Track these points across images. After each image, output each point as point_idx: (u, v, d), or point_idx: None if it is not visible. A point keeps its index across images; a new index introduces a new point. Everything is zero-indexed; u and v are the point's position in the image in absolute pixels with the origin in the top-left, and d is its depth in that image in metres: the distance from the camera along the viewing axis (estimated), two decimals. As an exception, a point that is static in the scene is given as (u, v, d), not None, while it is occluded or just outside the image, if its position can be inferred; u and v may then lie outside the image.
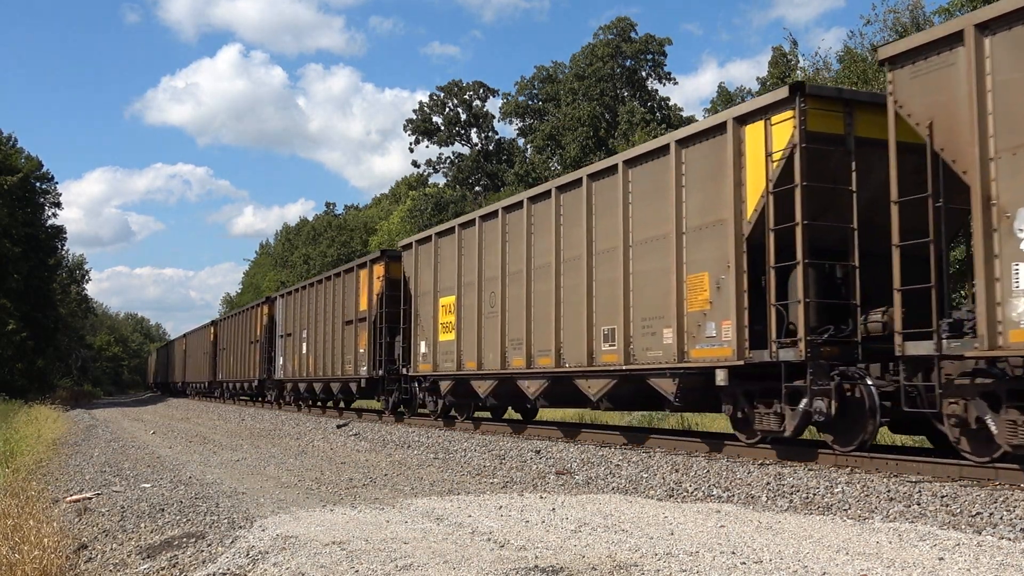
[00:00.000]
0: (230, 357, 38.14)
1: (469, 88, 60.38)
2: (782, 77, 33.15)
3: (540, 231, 14.01)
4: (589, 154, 47.78)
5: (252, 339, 33.59)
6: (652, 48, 53.46)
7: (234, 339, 37.40)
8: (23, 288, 45.97)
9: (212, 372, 41.99)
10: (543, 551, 5.52)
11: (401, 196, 68.34)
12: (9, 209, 43.77)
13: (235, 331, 37.29)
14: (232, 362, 37.64)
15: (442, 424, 17.61)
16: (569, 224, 13.20)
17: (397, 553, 5.49)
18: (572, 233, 13.07)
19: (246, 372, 34.42)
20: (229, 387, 38.30)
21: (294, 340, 27.69)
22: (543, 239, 13.88)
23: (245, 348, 34.94)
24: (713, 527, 6.28)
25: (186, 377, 52.18)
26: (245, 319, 35.57)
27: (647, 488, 8.83)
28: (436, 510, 7.32)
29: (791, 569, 4.90)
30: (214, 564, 5.77)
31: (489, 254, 15.59)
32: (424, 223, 49.69)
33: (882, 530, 6.06)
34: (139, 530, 7.34)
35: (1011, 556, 5.17)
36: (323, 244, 68.12)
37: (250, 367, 33.73)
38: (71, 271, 71.94)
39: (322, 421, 21.60)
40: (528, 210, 14.26)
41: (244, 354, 35.08)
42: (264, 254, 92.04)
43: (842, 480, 8.09)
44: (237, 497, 8.62)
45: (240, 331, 36.18)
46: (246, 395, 36.85)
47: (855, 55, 25.50)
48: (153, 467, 12.24)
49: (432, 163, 61.33)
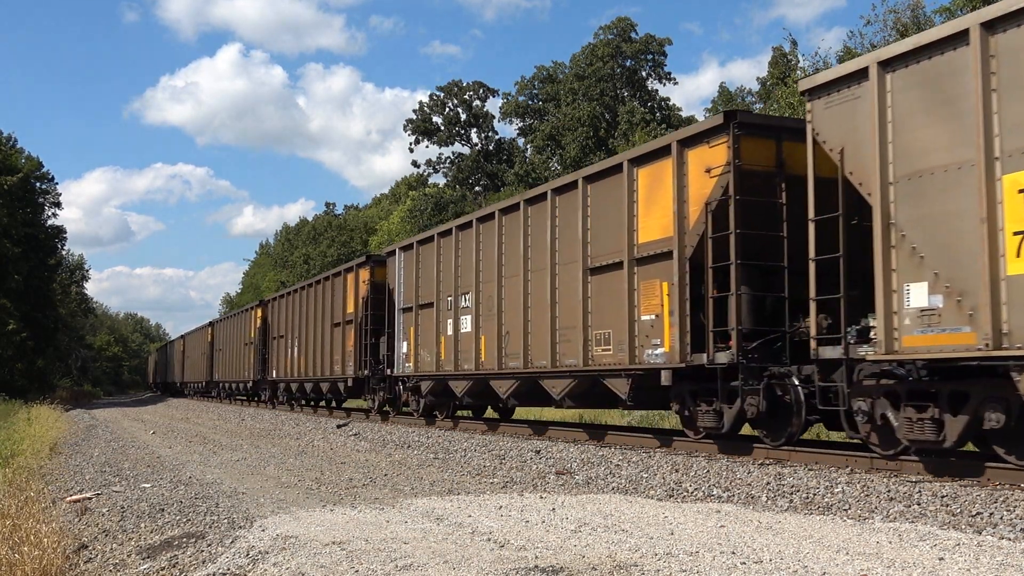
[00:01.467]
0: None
1: (469, 88, 60.38)
2: (782, 77, 33.17)
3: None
4: (589, 154, 47.79)
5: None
6: (652, 48, 53.47)
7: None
8: (23, 288, 45.98)
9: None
10: (543, 551, 5.52)
11: (401, 196, 68.35)
12: (9, 209, 43.78)
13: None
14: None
15: (450, 424, 17.80)
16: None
17: (397, 553, 5.49)
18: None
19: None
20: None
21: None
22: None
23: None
24: (713, 527, 6.28)
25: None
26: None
27: (647, 488, 8.83)
28: (436, 510, 7.32)
29: (791, 569, 4.90)
30: (214, 564, 5.77)
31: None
32: (424, 223, 49.71)
33: (882, 530, 6.06)
34: (139, 530, 7.34)
35: (1011, 556, 5.17)
36: (323, 244, 68.16)
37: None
38: (71, 271, 71.96)
39: (322, 421, 21.62)
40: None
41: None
42: (264, 254, 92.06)
43: (842, 480, 8.09)
44: (237, 497, 8.62)
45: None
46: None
47: (855, 55, 25.49)
48: (153, 467, 12.24)
49: (432, 163, 61.35)
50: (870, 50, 25.48)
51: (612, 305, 11.96)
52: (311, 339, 25.74)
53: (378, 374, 20.53)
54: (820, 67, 28.38)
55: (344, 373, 22.44)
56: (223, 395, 39.98)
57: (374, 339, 20.52)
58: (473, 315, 15.93)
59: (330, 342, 23.82)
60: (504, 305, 14.93)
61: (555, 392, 13.34)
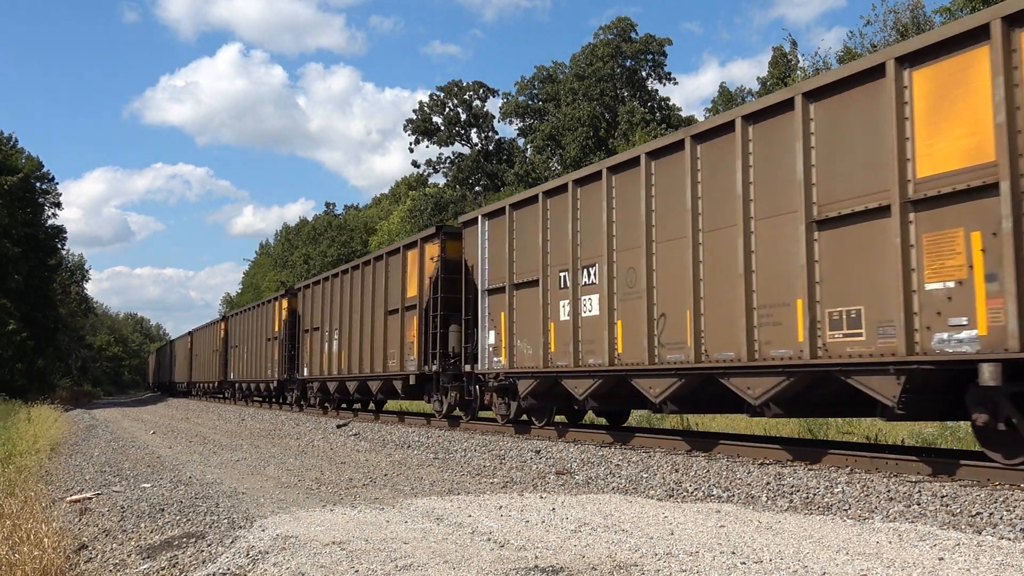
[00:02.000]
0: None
1: (469, 88, 60.42)
2: (782, 77, 33.18)
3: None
4: (589, 154, 47.80)
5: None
6: (652, 48, 53.51)
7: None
8: (23, 288, 46.00)
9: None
10: (543, 551, 5.52)
11: (401, 196, 68.40)
12: (9, 209, 43.79)
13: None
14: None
15: (447, 425, 17.39)
16: None
17: (397, 553, 5.49)
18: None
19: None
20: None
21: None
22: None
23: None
24: (713, 527, 6.28)
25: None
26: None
27: (647, 488, 8.83)
28: (436, 510, 7.32)
29: (791, 569, 4.90)
30: (214, 564, 5.77)
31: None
32: (424, 223, 49.69)
33: (882, 530, 6.06)
34: (139, 530, 7.34)
35: (1011, 556, 5.17)
36: (323, 244, 68.19)
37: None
38: (71, 271, 71.97)
39: (322, 421, 21.60)
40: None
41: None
42: (264, 254, 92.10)
43: (842, 480, 8.09)
44: (237, 497, 8.62)
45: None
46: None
47: (855, 55, 25.51)
48: (153, 467, 12.24)
49: (432, 163, 61.40)
50: (871, 50, 25.46)
51: (865, 271, 8.67)
52: (356, 330, 21.88)
53: (449, 370, 16.92)
54: (820, 67, 28.39)
55: (403, 369, 18.62)
56: (239, 396, 36.67)
57: (443, 328, 17.05)
58: (604, 293, 12.44)
59: (383, 333, 20.06)
60: (656, 279, 11.48)
61: (753, 394, 9.94)
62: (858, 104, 8.77)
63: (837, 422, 15.71)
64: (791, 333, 9.41)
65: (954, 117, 7.93)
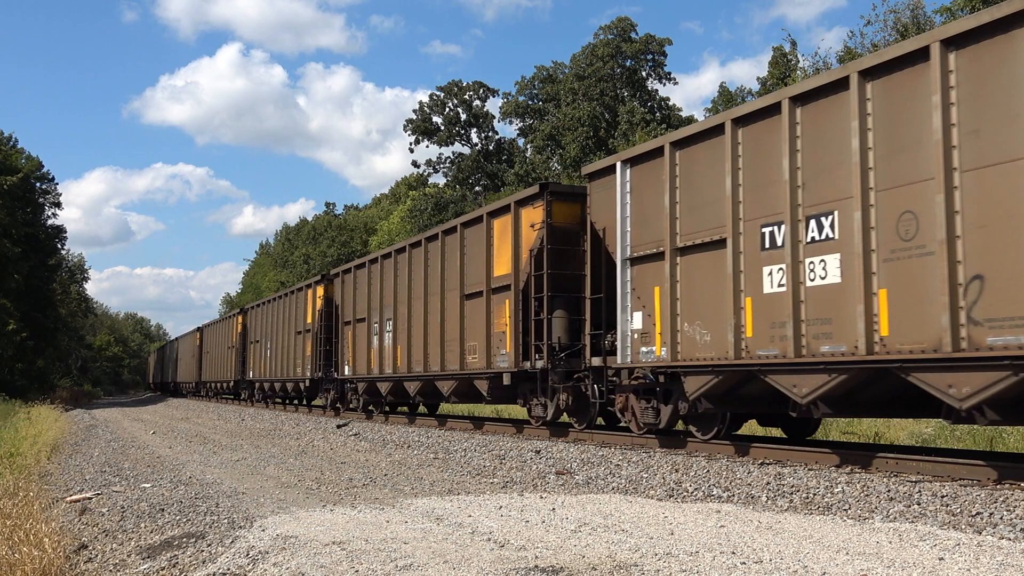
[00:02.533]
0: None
1: (469, 88, 60.38)
2: (782, 77, 33.17)
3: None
4: (589, 154, 47.76)
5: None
6: (652, 48, 53.47)
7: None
8: (23, 288, 45.99)
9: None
10: (543, 551, 5.52)
11: (401, 196, 68.39)
12: (9, 209, 43.79)
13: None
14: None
15: (437, 424, 18.42)
16: None
17: (397, 553, 5.49)
18: None
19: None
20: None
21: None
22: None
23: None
24: (713, 527, 6.28)
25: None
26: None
27: (647, 488, 8.83)
28: (436, 510, 7.32)
29: (791, 569, 4.90)
30: (214, 564, 5.77)
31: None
32: (424, 223, 49.72)
33: (882, 530, 6.06)
34: (139, 530, 7.34)
35: (1011, 556, 5.17)
36: (323, 244, 68.18)
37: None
38: (71, 271, 71.98)
39: (322, 421, 21.62)
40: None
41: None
42: (264, 254, 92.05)
43: (842, 480, 8.09)
44: (237, 497, 8.62)
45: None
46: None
47: (855, 55, 25.53)
48: (153, 467, 12.24)
49: (432, 163, 61.33)
50: (871, 50, 25.49)
51: None
52: (419, 320, 19.67)
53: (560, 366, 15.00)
54: (820, 67, 28.40)
55: (491, 366, 17.80)
56: (258, 397, 38.81)
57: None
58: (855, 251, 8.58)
59: (459, 323, 18.58)
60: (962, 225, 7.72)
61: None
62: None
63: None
64: None
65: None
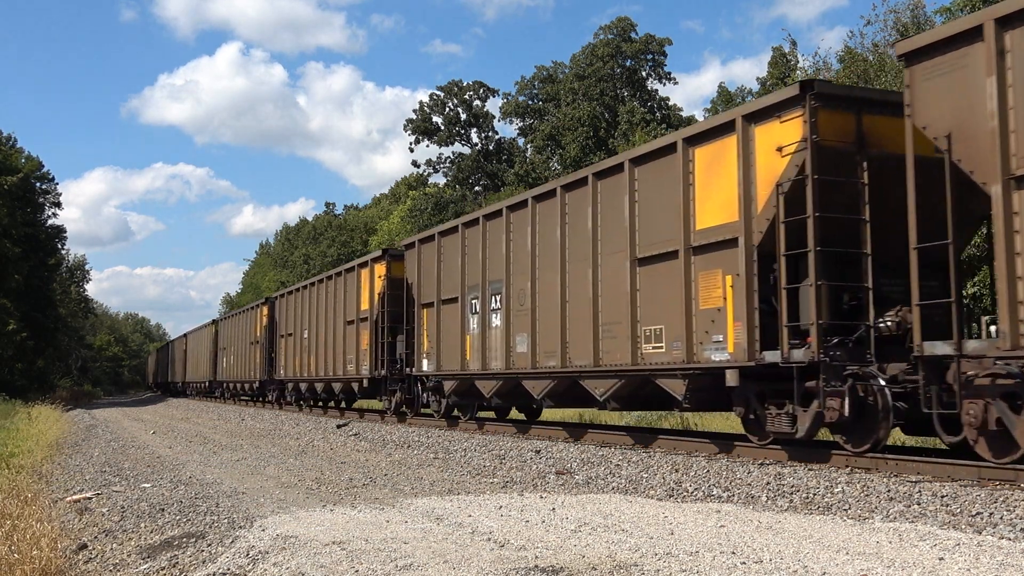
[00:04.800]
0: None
1: (469, 88, 60.36)
2: (782, 77, 33.15)
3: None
4: (589, 154, 47.77)
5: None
6: (652, 48, 53.46)
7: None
8: (23, 288, 46.01)
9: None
10: (543, 551, 5.52)
11: (401, 196, 68.32)
12: (9, 209, 43.80)
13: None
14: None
15: (445, 424, 17.69)
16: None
17: (397, 553, 5.49)
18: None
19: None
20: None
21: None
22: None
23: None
24: (713, 527, 6.28)
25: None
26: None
27: (647, 488, 8.83)
28: (436, 510, 7.31)
29: (791, 569, 4.90)
30: (214, 564, 5.77)
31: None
32: (424, 223, 49.67)
33: (882, 530, 6.05)
34: (139, 530, 7.34)
35: (1011, 556, 5.17)
36: (323, 244, 68.17)
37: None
38: (71, 271, 71.97)
39: (322, 421, 21.61)
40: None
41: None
42: (264, 254, 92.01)
43: (842, 480, 8.09)
44: (237, 497, 8.62)
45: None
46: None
47: (855, 55, 25.49)
48: (153, 467, 12.24)
49: (432, 163, 61.32)
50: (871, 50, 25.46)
51: None
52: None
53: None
54: (820, 67, 28.32)
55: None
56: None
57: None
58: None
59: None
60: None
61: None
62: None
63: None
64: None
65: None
